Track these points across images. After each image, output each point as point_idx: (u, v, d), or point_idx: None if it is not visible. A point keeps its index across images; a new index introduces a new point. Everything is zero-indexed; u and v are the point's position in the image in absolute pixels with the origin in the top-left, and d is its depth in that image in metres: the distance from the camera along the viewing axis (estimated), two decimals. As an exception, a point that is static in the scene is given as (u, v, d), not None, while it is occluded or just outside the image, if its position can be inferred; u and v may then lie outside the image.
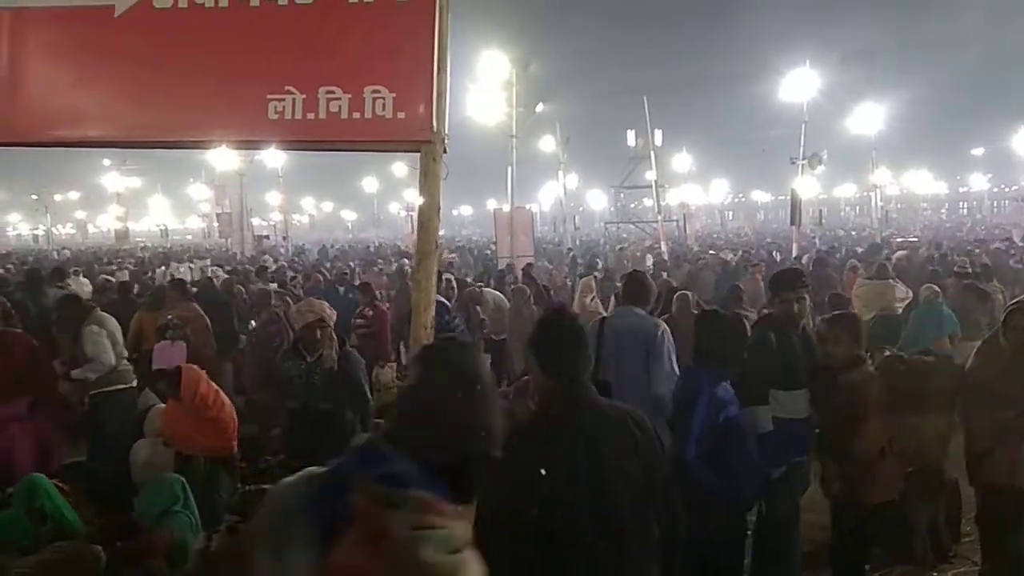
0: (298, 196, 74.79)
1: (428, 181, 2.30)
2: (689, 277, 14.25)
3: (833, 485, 4.26)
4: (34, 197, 77.82)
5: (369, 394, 5.36)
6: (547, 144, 38.95)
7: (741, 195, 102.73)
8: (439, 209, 2.33)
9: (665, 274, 14.12)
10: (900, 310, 8.99)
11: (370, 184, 67.51)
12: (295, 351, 5.21)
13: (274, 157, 34.01)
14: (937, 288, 8.44)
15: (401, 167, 55.67)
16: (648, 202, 52.89)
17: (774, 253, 20.90)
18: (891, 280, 9.51)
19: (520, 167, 25.21)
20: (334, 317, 5.27)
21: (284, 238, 36.96)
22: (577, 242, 37.01)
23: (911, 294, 9.05)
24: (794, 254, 19.09)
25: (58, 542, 3.93)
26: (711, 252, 21.61)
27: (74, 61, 2.44)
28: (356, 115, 2.26)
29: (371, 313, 9.32)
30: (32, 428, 6.02)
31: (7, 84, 2.42)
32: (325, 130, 2.28)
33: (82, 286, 12.79)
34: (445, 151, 2.29)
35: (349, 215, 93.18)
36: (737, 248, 24.89)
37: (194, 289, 10.27)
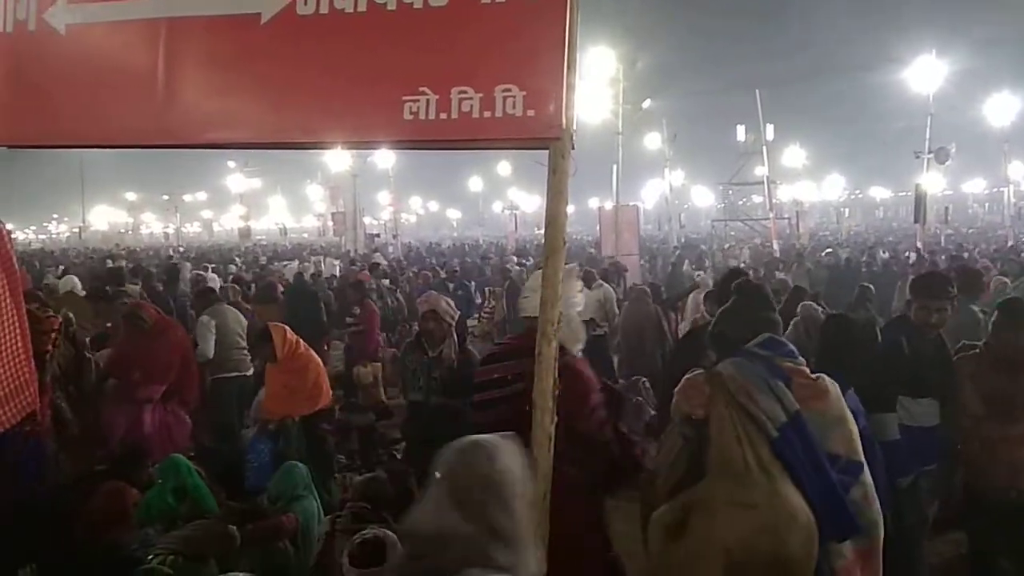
0: (406, 196, 76.50)
1: (556, 178, 2.30)
2: (809, 276, 13.76)
3: None
4: (165, 197, 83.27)
5: None
6: (652, 141, 38.31)
7: (858, 191, 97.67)
8: (567, 205, 2.33)
9: (779, 273, 13.69)
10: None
11: (475, 184, 68.36)
12: (417, 345, 5.31)
13: (385, 158, 34.87)
14: (1007, 280, 9.79)
15: (505, 166, 56.05)
16: (757, 199, 51.10)
17: (907, 254, 19.50)
18: None
19: (624, 164, 24.91)
20: (456, 316, 5.34)
21: (394, 236, 37.96)
22: (682, 240, 36.25)
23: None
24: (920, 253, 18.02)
25: (195, 520, 4.20)
26: (828, 250, 20.71)
27: (223, 67, 2.55)
28: (487, 114, 2.26)
29: (359, 311, 9.24)
30: (161, 411, 6.43)
31: (164, 89, 2.55)
32: (457, 130, 2.29)
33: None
34: (573, 147, 2.29)
35: (454, 214, 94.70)
36: (853, 246, 23.74)
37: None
